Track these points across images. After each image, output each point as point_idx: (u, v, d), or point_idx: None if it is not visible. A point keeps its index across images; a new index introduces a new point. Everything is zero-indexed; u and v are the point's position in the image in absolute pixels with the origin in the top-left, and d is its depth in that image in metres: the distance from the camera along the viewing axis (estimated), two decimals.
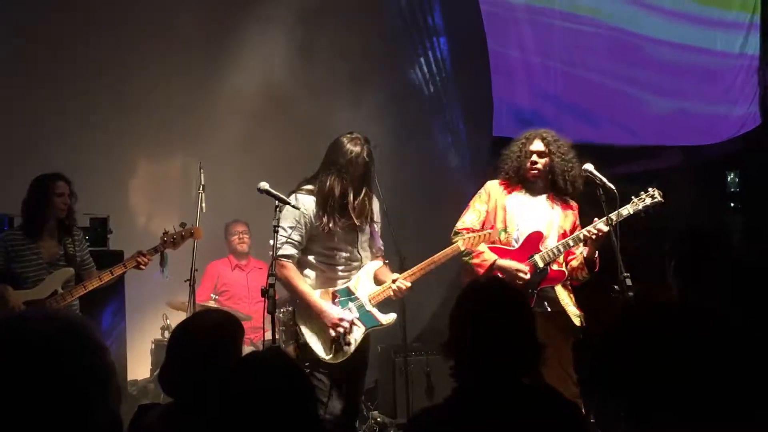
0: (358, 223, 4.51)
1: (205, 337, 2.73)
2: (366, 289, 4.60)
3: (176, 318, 6.31)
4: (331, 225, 4.46)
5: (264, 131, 7.21)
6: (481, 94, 7.64)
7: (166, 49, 7.26)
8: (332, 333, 4.42)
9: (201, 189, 5.61)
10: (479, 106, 7.68)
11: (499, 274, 4.66)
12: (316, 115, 7.17)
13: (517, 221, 4.87)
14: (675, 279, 3.37)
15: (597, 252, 4.76)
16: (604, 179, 4.65)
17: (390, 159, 6.13)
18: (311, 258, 4.57)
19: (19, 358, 1.21)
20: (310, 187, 4.55)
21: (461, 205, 5.48)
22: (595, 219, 4.66)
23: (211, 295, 6.56)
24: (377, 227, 4.74)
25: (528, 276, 4.71)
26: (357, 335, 4.50)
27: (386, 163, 5.65)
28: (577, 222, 4.95)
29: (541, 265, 4.76)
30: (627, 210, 4.72)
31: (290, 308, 4.78)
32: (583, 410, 4.14)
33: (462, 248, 4.70)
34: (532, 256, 4.78)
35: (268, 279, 4.27)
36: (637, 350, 1.66)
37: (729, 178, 8.75)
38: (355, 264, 4.61)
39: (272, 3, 7.34)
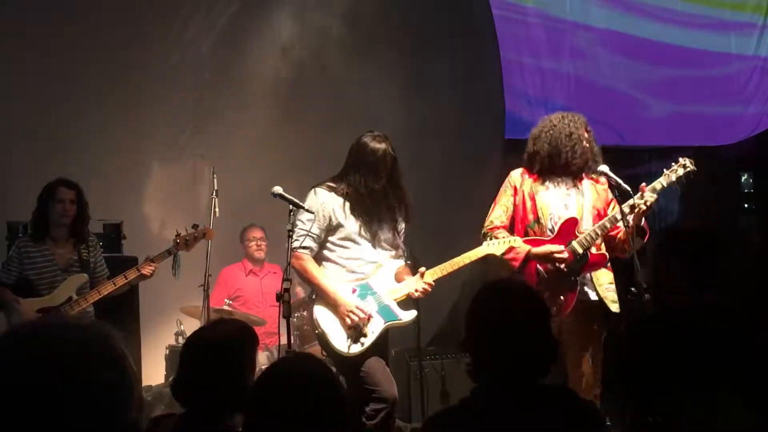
0: (380, 222, 4.53)
1: (219, 348, 2.73)
2: (386, 285, 4.55)
3: (190, 323, 6.31)
4: (362, 223, 4.50)
5: (277, 135, 7.22)
6: (493, 96, 7.63)
7: (179, 53, 7.28)
8: (348, 321, 4.37)
9: (214, 194, 5.62)
10: (492, 107, 7.66)
11: (539, 266, 4.62)
12: (329, 117, 7.18)
13: (548, 210, 4.73)
14: (685, 280, 3.35)
15: (644, 219, 4.60)
16: (620, 180, 4.62)
17: (401, 160, 6.12)
18: (328, 254, 4.56)
19: (37, 368, 1.18)
20: (332, 184, 4.56)
21: (471, 206, 5.49)
22: (634, 198, 4.53)
23: (225, 300, 6.55)
24: (401, 227, 4.72)
25: (566, 255, 4.59)
26: (375, 327, 4.43)
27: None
28: (610, 195, 4.78)
29: (580, 251, 4.62)
30: (660, 183, 4.64)
31: (310, 298, 4.68)
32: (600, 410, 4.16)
33: (487, 251, 4.59)
34: (570, 243, 4.63)
35: (283, 283, 4.24)
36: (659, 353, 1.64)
37: (743, 179, 8.71)
38: (374, 262, 4.57)
39: (282, 5, 7.36)
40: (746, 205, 8.69)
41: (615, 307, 4.67)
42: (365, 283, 4.51)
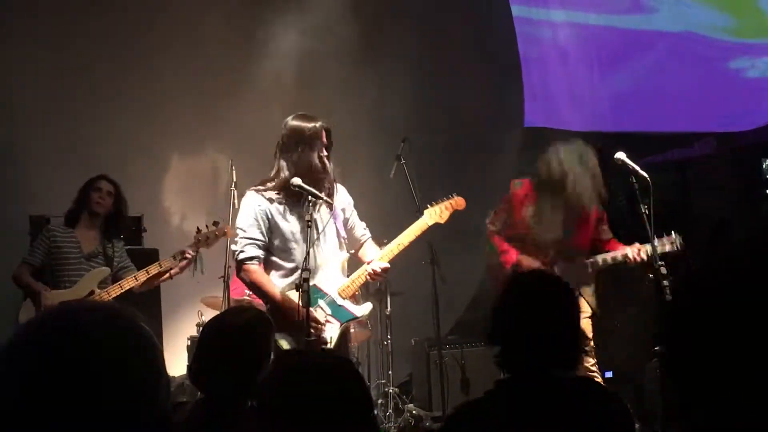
0: (316, 214, 4.26)
1: (237, 333, 2.75)
2: (334, 283, 4.36)
3: (211, 315, 6.33)
4: (300, 222, 4.25)
5: None
6: (511, 83, 7.61)
7: (196, 46, 7.31)
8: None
9: (233, 186, 5.65)
10: (509, 96, 7.64)
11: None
12: (346, 108, 7.18)
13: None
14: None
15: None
16: (637, 167, 4.64)
17: (419, 152, 6.13)
18: (273, 258, 4.33)
19: (69, 351, 1.19)
20: (262, 187, 4.34)
21: (489, 196, 5.51)
22: (636, 244, 4.97)
23: (246, 291, 6.58)
24: (346, 214, 4.52)
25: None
26: (332, 332, 4.28)
27: (415, 157, 5.66)
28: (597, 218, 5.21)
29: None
30: (648, 251, 4.89)
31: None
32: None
33: (429, 222, 4.57)
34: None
35: (302, 273, 4.16)
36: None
37: (764, 165, 8.64)
38: (318, 259, 4.33)
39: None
40: None
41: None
42: (312, 286, 4.20)
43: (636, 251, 4.94)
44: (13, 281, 5.33)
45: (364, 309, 4.43)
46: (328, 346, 4.22)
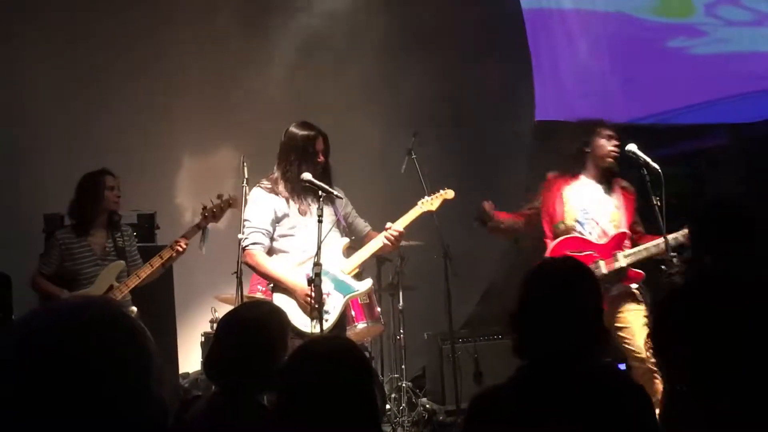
0: (321, 208, 4.54)
1: (251, 328, 2.78)
2: (336, 262, 4.70)
3: (224, 310, 6.36)
4: (299, 207, 4.66)
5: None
6: (520, 77, 7.58)
7: (207, 44, 7.33)
8: (304, 302, 4.54)
9: (245, 182, 5.66)
10: (519, 90, 7.62)
11: None
12: (357, 103, 7.18)
13: (578, 214, 4.91)
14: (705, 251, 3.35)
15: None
16: (648, 159, 4.62)
17: (431, 147, 6.13)
18: (277, 245, 4.74)
19: (60, 346, 1.20)
20: (268, 183, 4.74)
21: (500, 191, 5.51)
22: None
23: (258, 287, 6.60)
24: (348, 211, 4.89)
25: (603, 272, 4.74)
26: (335, 303, 4.60)
27: (426, 152, 5.66)
28: (634, 208, 4.97)
29: (623, 264, 4.76)
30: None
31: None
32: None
33: (421, 209, 4.82)
34: (616, 254, 4.77)
35: (313, 269, 4.28)
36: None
37: None
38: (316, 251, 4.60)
39: None
40: None
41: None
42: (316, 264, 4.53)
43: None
44: (32, 288, 5.37)
45: (365, 284, 4.77)
46: (331, 315, 4.56)
